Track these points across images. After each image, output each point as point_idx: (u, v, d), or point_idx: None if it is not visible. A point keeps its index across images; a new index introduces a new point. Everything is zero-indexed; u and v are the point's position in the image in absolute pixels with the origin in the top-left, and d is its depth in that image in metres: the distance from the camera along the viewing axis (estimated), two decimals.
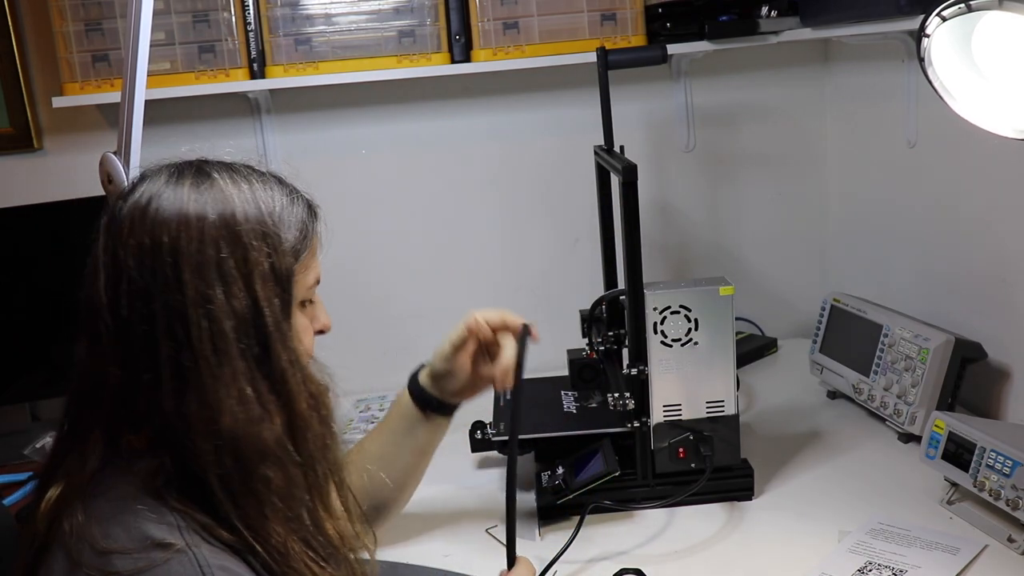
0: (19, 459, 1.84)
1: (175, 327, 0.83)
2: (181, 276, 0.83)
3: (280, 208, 0.90)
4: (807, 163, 2.18)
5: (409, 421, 1.28)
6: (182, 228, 0.84)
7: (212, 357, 0.83)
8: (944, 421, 1.34)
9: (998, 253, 1.59)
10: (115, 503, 0.82)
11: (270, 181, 0.93)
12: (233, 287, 0.84)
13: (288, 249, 0.89)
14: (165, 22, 1.84)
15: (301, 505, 0.87)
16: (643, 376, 1.40)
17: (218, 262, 0.84)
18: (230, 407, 0.83)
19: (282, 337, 0.86)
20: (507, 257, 2.15)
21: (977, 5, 0.97)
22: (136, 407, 0.85)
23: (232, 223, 0.86)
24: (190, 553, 0.79)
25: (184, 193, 0.86)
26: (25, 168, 2.03)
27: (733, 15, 1.93)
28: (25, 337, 1.95)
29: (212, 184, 0.88)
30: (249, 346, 0.84)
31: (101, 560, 0.79)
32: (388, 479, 1.28)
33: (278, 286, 0.87)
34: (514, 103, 2.09)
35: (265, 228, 0.87)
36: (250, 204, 0.88)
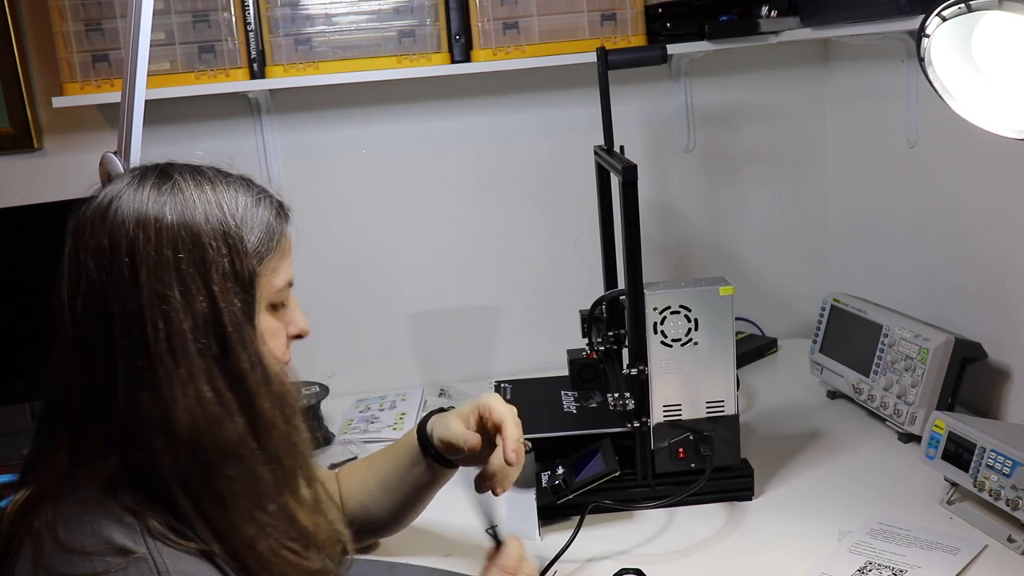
0: (19, 459, 1.83)
1: (131, 327, 0.83)
2: (138, 277, 0.84)
3: (244, 210, 0.90)
4: (807, 163, 2.18)
5: (411, 457, 1.25)
6: (140, 229, 0.85)
7: (168, 357, 0.83)
8: (944, 421, 1.34)
9: (998, 253, 1.59)
10: (80, 504, 0.83)
11: (236, 183, 0.93)
12: (191, 287, 0.84)
13: (251, 251, 0.89)
14: (165, 22, 1.84)
15: (270, 501, 0.87)
16: (643, 376, 1.40)
17: (176, 262, 0.84)
18: (187, 406, 0.83)
19: (242, 338, 0.86)
20: (507, 257, 2.15)
21: (977, 5, 0.97)
22: (98, 408, 0.85)
23: (191, 224, 0.86)
24: (150, 560, 0.80)
25: (145, 195, 0.87)
26: (25, 168, 2.02)
27: (733, 15, 1.93)
28: (25, 337, 1.95)
29: (173, 186, 0.88)
30: (207, 346, 0.84)
31: (61, 560, 0.80)
32: (384, 507, 1.26)
33: (239, 287, 0.87)
34: (514, 103, 2.09)
35: (226, 229, 0.87)
36: (211, 205, 0.88)
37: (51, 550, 0.81)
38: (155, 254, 0.84)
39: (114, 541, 0.80)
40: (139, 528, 0.81)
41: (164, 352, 0.83)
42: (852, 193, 2.10)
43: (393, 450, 1.28)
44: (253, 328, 0.88)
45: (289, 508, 0.90)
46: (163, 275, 0.84)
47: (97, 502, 0.83)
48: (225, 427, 0.84)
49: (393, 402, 1.97)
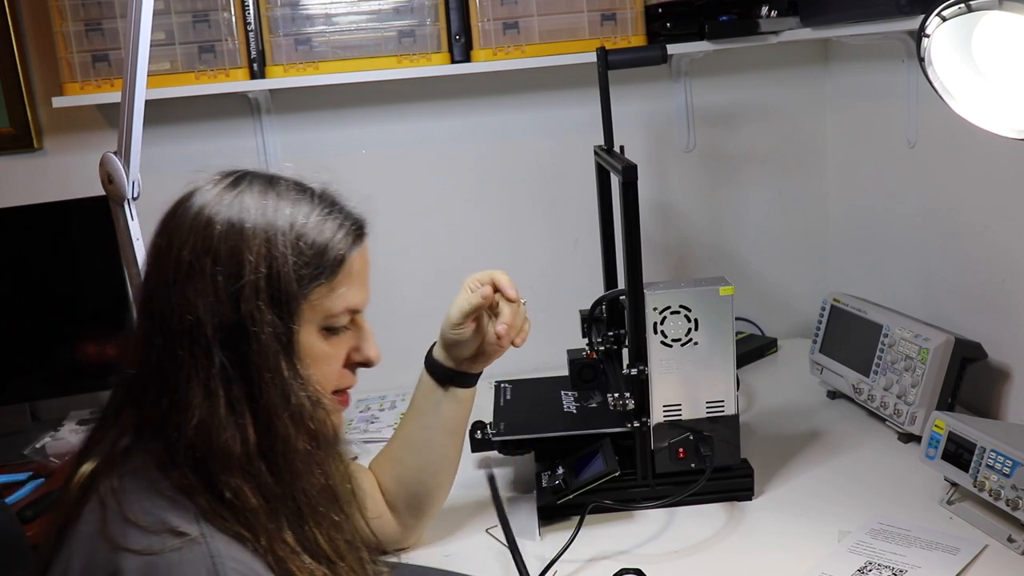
0: (19, 459, 1.84)
1: (164, 326, 0.86)
2: (177, 280, 0.86)
3: (301, 230, 0.90)
4: (807, 163, 2.18)
5: (432, 399, 1.29)
6: (190, 235, 0.88)
7: (188, 361, 0.85)
8: (944, 421, 1.34)
9: (998, 253, 1.59)
10: (139, 479, 0.85)
11: (306, 200, 0.93)
12: (222, 299, 0.86)
13: (295, 273, 0.88)
14: (165, 22, 1.84)
15: (286, 519, 0.87)
16: (643, 376, 1.40)
17: (212, 273, 0.86)
18: (198, 412, 0.84)
19: (265, 357, 0.86)
20: (507, 257, 2.15)
21: (977, 5, 0.97)
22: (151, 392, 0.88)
23: (236, 239, 0.87)
24: (204, 544, 0.81)
25: (207, 199, 0.90)
26: (25, 168, 2.02)
27: (733, 15, 1.93)
28: (25, 337, 1.96)
29: (237, 195, 0.90)
30: (230, 357, 0.86)
31: (121, 531, 0.82)
32: (423, 463, 1.30)
33: (273, 307, 0.87)
34: (514, 103, 2.09)
35: (271, 248, 0.88)
36: (264, 221, 0.89)
37: (112, 519, 0.83)
38: (195, 261, 0.87)
39: (169, 522, 0.82)
40: (193, 511, 0.83)
41: (186, 357, 0.85)
42: (852, 193, 2.10)
43: (409, 407, 1.33)
44: (284, 350, 0.88)
45: (309, 530, 0.89)
46: (197, 283, 0.86)
47: (153, 480, 0.85)
48: (232, 439, 0.85)
49: (393, 402, 1.97)
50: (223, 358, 0.85)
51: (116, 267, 1.77)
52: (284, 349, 0.88)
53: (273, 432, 0.87)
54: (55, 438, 1.88)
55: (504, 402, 1.61)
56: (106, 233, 1.42)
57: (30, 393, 2.01)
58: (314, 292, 0.91)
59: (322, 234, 0.92)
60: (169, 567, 0.79)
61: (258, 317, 0.86)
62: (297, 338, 0.89)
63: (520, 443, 1.51)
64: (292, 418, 0.87)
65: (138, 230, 1.31)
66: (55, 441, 1.87)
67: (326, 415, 0.91)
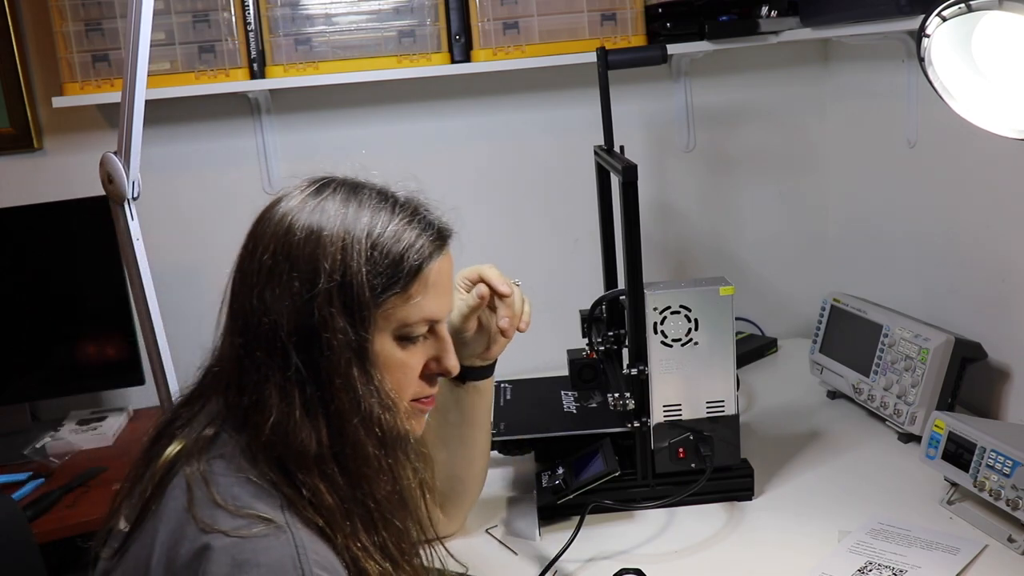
0: (19, 459, 1.84)
1: (246, 325, 0.90)
2: (255, 284, 0.89)
3: (380, 238, 0.91)
4: (807, 163, 2.18)
5: (453, 397, 1.31)
6: (272, 240, 0.90)
7: (266, 362, 0.88)
8: (944, 421, 1.34)
9: (998, 253, 1.59)
10: (229, 467, 0.88)
11: (387, 209, 0.95)
12: (297, 304, 0.88)
13: (371, 282, 0.90)
14: (165, 22, 1.84)
15: (358, 519, 0.90)
16: (643, 376, 1.40)
17: (288, 280, 0.88)
18: (274, 411, 0.87)
19: (336, 363, 0.88)
20: (507, 257, 2.14)
21: (977, 5, 0.97)
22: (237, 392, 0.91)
23: (314, 247, 0.89)
24: (289, 533, 0.83)
25: (291, 206, 0.92)
26: (25, 168, 2.02)
27: (733, 15, 1.93)
28: (25, 337, 1.96)
29: (319, 202, 0.92)
30: (304, 359, 0.88)
31: (209, 512, 0.84)
32: (454, 458, 1.31)
33: (346, 314, 0.89)
34: (514, 103, 2.09)
35: (346, 255, 0.89)
36: (343, 230, 0.90)
37: (201, 501, 0.85)
38: (274, 266, 0.89)
39: (256, 508, 0.84)
40: (279, 501, 0.86)
41: (264, 357, 0.88)
42: (852, 193, 2.10)
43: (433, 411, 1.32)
44: (357, 357, 0.89)
45: (378, 532, 0.91)
46: (276, 287, 0.88)
47: (240, 468, 0.87)
48: (306, 440, 0.87)
49: None
50: (298, 361, 0.88)
51: (116, 267, 1.78)
52: (356, 356, 0.89)
53: (344, 436, 0.89)
54: (55, 438, 1.89)
55: (504, 402, 1.61)
56: (106, 233, 1.42)
57: (30, 393, 2.01)
58: (388, 301, 0.92)
59: (399, 244, 0.93)
60: (255, 550, 0.81)
61: (330, 323, 0.88)
62: (371, 346, 0.91)
63: (520, 443, 1.51)
64: (363, 424, 0.89)
65: (138, 230, 1.31)
66: (55, 441, 1.87)
67: (397, 421, 0.93)
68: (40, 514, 1.61)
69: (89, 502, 1.65)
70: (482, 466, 1.37)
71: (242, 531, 0.82)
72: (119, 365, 1.95)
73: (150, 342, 1.35)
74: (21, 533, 1.30)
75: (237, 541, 0.81)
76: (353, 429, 0.89)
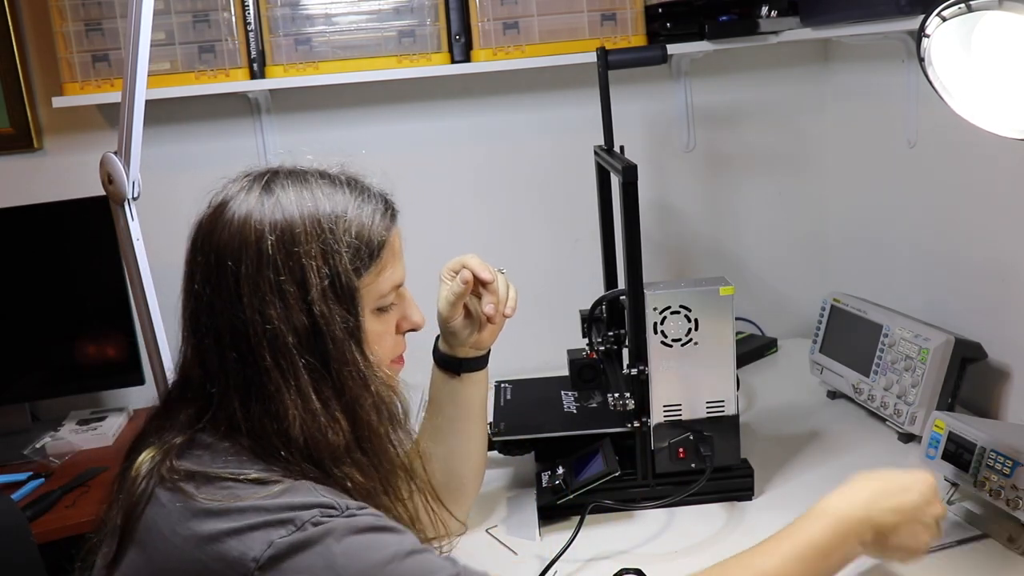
0: (19, 459, 1.84)
1: (239, 342, 0.88)
2: (242, 296, 0.88)
3: (348, 222, 0.93)
4: (807, 163, 2.19)
5: (449, 390, 1.32)
6: (243, 248, 0.89)
7: (276, 371, 0.88)
8: (944, 421, 1.34)
9: (998, 253, 1.59)
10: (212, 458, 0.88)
11: (339, 191, 0.95)
12: (292, 307, 0.88)
13: (351, 266, 0.91)
14: (165, 22, 1.84)
15: (378, 495, 0.93)
16: (643, 376, 1.40)
17: (277, 283, 0.88)
18: (299, 417, 0.88)
19: (342, 352, 0.90)
20: (507, 257, 2.14)
21: (977, 5, 0.96)
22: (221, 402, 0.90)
23: (291, 244, 0.89)
24: (300, 480, 0.86)
25: (248, 208, 0.91)
26: (25, 168, 2.03)
27: (733, 15, 1.93)
28: (25, 337, 1.96)
29: (276, 201, 0.91)
30: (312, 360, 0.89)
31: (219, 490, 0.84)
32: (451, 452, 1.32)
33: (339, 304, 0.90)
34: (514, 103, 2.09)
35: (326, 247, 0.90)
36: (311, 222, 0.91)
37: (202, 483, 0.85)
38: (257, 275, 0.88)
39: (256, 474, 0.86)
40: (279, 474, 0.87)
41: (272, 367, 0.88)
42: (852, 193, 2.10)
43: (429, 403, 1.35)
44: (355, 341, 0.92)
45: (393, 506, 0.95)
46: (266, 295, 0.88)
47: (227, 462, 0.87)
48: (334, 435, 0.89)
49: None
50: (308, 360, 0.88)
51: (116, 267, 1.78)
52: (355, 340, 0.91)
53: (359, 420, 0.91)
54: (55, 438, 1.89)
55: (504, 402, 1.61)
56: (106, 233, 1.42)
57: (30, 393, 2.01)
58: (366, 278, 0.94)
59: (363, 221, 0.95)
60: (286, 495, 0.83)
61: (329, 316, 0.89)
62: (363, 326, 0.93)
63: (520, 443, 1.51)
64: (373, 404, 0.92)
65: (138, 230, 1.31)
66: (55, 441, 1.87)
67: (398, 396, 0.96)
68: (40, 514, 1.61)
69: (89, 502, 1.65)
70: (480, 460, 1.36)
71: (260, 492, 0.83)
72: (119, 365, 1.95)
73: (150, 342, 1.35)
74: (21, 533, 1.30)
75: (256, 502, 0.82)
76: (366, 412, 0.91)
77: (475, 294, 1.29)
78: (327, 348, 0.89)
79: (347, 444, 0.90)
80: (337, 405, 0.90)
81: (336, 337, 0.89)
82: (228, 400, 0.89)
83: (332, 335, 0.89)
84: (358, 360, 0.91)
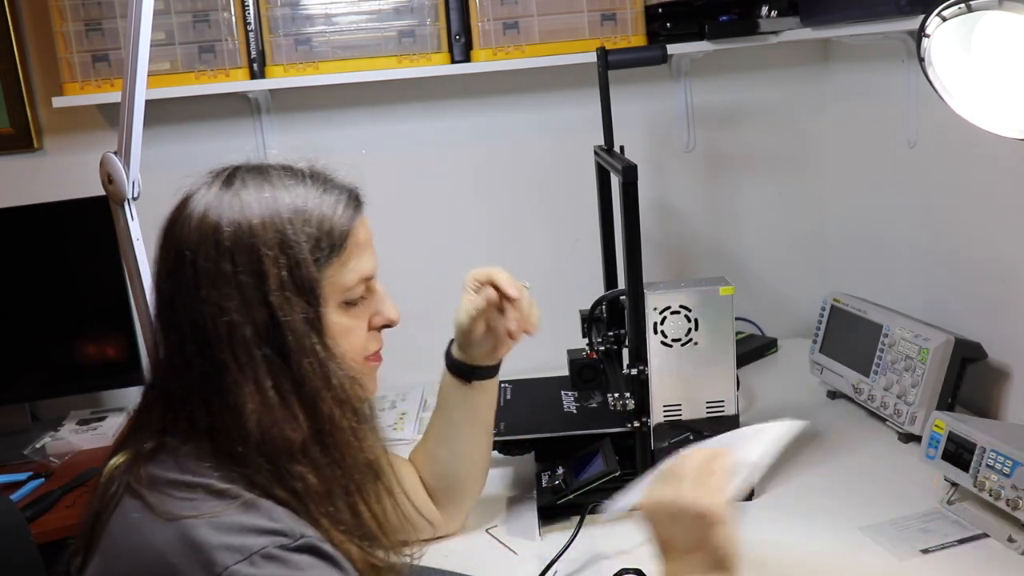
0: (19, 459, 1.84)
1: (198, 336, 0.87)
2: (200, 289, 0.87)
3: (308, 213, 0.91)
4: (807, 163, 2.18)
5: (458, 395, 1.32)
6: (201, 242, 0.88)
7: (233, 364, 0.86)
8: (944, 421, 1.34)
9: (997, 253, 1.59)
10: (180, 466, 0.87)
11: (300, 184, 0.94)
12: (250, 298, 0.87)
13: (311, 258, 0.90)
14: (165, 22, 1.84)
15: (337, 499, 0.90)
16: (643, 376, 1.40)
17: (234, 275, 0.87)
18: (255, 411, 0.86)
19: (302, 345, 0.88)
20: (507, 257, 2.13)
21: (977, 5, 0.97)
22: (183, 402, 0.89)
23: (249, 236, 0.88)
24: (259, 497, 0.85)
25: (207, 203, 0.90)
26: (25, 168, 2.02)
27: (733, 15, 1.93)
28: (25, 337, 1.96)
29: (234, 193, 0.90)
30: (271, 353, 0.87)
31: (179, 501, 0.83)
32: (455, 456, 1.32)
33: (299, 296, 0.89)
34: (514, 103, 2.09)
35: (284, 239, 0.89)
36: (271, 214, 0.89)
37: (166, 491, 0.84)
38: (214, 267, 0.87)
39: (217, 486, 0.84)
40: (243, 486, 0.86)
41: (230, 360, 0.86)
42: (852, 193, 2.10)
43: (438, 405, 1.35)
44: (317, 333, 0.90)
45: (357, 506, 0.92)
46: (223, 287, 0.87)
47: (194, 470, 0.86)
48: (292, 430, 0.87)
49: (393, 402, 1.97)
50: (266, 353, 0.87)
51: (116, 267, 1.77)
52: (316, 333, 0.90)
53: (320, 415, 0.89)
54: (55, 438, 1.88)
55: (504, 402, 1.61)
56: (106, 233, 1.42)
57: (30, 393, 2.01)
58: (330, 271, 0.92)
59: (324, 213, 0.93)
60: (231, 525, 0.81)
61: (287, 308, 0.88)
62: (326, 319, 0.91)
63: (520, 443, 1.51)
64: (335, 398, 0.90)
65: (138, 230, 1.31)
66: (55, 441, 1.87)
67: (362, 391, 0.94)
68: (40, 514, 1.61)
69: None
70: (483, 466, 1.37)
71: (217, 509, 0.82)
72: (119, 365, 1.95)
73: (150, 342, 1.34)
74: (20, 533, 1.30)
75: (212, 519, 0.81)
76: (327, 406, 0.89)
77: (498, 308, 1.28)
78: (286, 340, 0.87)
79: (304, 440, 0.88)
80: (296, 399, 0.88)
81: (295, 329, 0.88)
82: (190, 397, 0.88)
83: (291, 327, 0.88)
84: (319, 352, 0.89)
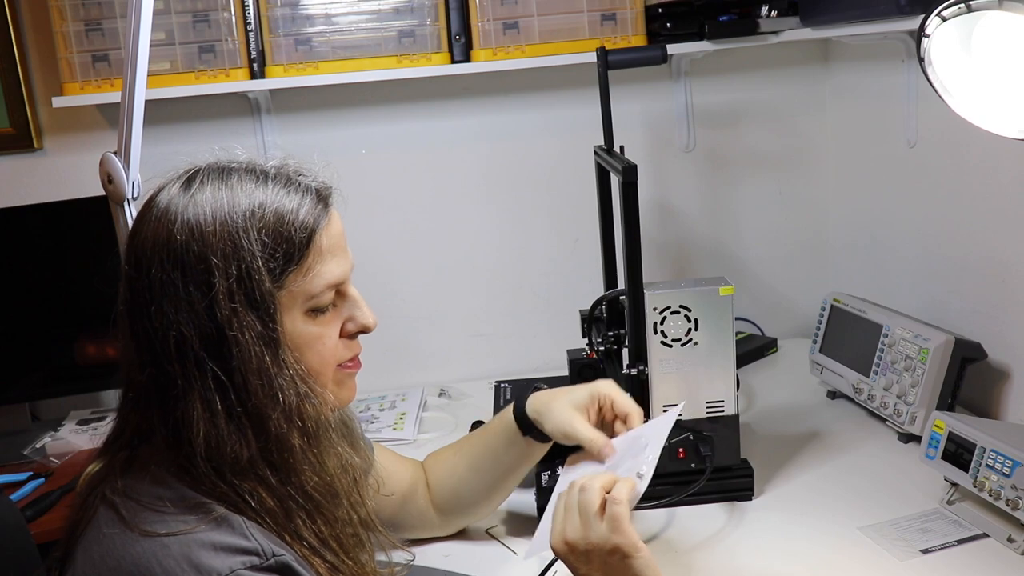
0: (19, 459, 1.84)
1: (147, 345, 0.85)
2: (152, 299, 0.85)
3: (263, 219, 0.87)
4: (807, 163, 2.18)
5: (506, 439, 1.29)
6: (155, 250, 0.86)
7: (182, 377, 0.84)
8: (944, 421, 1.34)
9: (997, 253, 1.59)
10: (153, 479, 0.85)
11: (261, 185, 0.89)
12: (198, 311, 0.84)
13: (267, 268, 0.86)
14: (165, 22, 1.84)
15: (296, 517, 0.87)
16: (643, 376, 1.40)
17: (184, 286, 0.84)
18: (202, 425, 0.84)
19: (248, 359, 0.85)
20: (507, 257, 2.15)
21: (977, 5, 0.97)
22: (142, 416, 0.88)
23: (199, 245, 0.85)
24: (230, 512, 0.83)
25: (163, 207, 0.88)
26: (25, 168, 2.02)
27: (733, 15, 1.93)
28: (25, 337, 1.96)
29: (190, 197, 0.87)
30: (219, 365, 0.84)
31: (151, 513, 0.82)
32: (482, 487, 1.32)
33: (250, 306, 0.85)
34: (514, 103, 2.09)
35: (236, 246, 0.85)
36: (222, 219, 0.86)
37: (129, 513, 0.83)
38: (165, 277, 0.85)
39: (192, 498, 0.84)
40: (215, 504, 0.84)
41: (178, 373, 0.84)
42: (852, 193, 2.10)
43: (485, 433, 1.33)
44: (269, 347, 0.86)
45: (317, 524, 0.89)
46: (173, 298, 0.84)
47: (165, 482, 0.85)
48: (240, 446, 0.84)
49: (393, 402, 1.97)
50: (214, 367, 0.84)
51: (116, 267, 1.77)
52: (268, 347, 0.86)
53: (267, 433, 0.85)
54: (55, 438, 1.88)
55: (504, 402, 1.61)
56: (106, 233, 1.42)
57: (30, 393, 2.01)
58: (288, 279, 0.88)
59: (283, 218, 0.87)
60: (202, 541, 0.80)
61: (236, 321, 0.84)
62: (282, 331, 0.87)
63: None
64: (284, 416, 0.86)
65: None
66: (55, 441, 1.87)
67: (316, 408, 0.89)
68: (40, 514, 1.61)
69: None
70: (502, 497, 1.37)
71: (188, 527, 0.81)
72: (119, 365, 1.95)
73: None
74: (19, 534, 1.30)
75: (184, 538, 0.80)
76: (275, 424, 0.85)
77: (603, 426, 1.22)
78: (232, 354, 0.84)
79: (252, 457, 0.84)
80: (243, 415, 0.84)
81: (241, 342, 0.84)
82: (148, 408, 0.86)
83: (237, 340, 0.83)
84: (269, 368, 0.85)
